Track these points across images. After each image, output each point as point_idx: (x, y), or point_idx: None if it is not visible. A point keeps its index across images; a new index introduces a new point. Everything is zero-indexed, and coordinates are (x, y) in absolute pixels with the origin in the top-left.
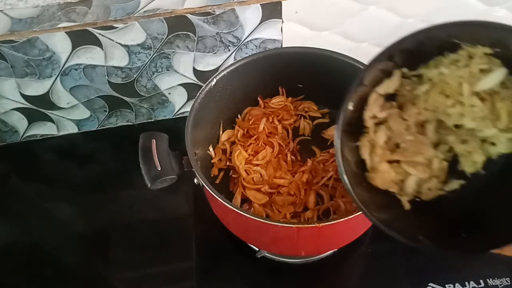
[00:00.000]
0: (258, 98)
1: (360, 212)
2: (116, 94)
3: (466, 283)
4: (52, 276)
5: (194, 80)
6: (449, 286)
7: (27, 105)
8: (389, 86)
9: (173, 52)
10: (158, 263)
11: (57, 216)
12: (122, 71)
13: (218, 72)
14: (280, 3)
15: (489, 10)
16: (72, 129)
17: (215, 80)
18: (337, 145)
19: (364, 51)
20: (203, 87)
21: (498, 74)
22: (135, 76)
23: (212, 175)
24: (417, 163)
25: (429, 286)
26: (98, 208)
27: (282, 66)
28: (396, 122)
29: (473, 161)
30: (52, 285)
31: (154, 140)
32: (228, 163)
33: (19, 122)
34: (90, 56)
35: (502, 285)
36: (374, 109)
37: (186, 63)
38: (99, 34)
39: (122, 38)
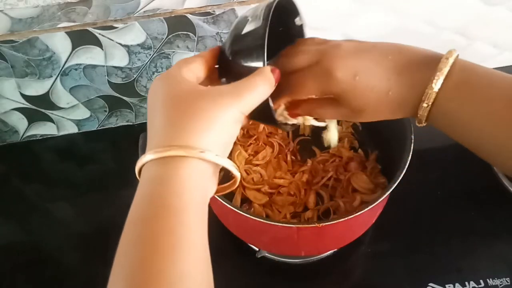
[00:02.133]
0: None
1: (360, 213)
2: (116, 94)
3: (466, 283)
4: (52, 276)
5: None
6: (449, 286)
7: (27, 105)
8: None
9: (173, 52)
10: None
11: (57, 216)
12: (122, 71)
13: None
14: None
15: (490, 9)
16: (72, 129)
17: None
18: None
19: None
20: None
21: None
22: (135, 76)
23: None
24: None
25: (429, 286)
26: (98, 208)
27: None
28: None
29: None
30: (52, 285)
31: None
32: None
33: (19, 122)
34: (90, 56)
35: (502, 285)
36: None
37: None
38: (99, 34)
39: (122, 38)
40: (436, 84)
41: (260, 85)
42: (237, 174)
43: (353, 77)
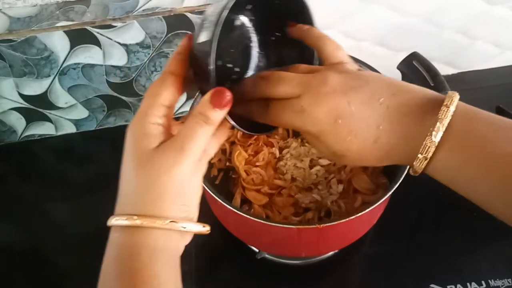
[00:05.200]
0: None
1: (361, 213)
2: (115, 94)
3: (468, 284)
4: (50, 277)
5: None
6: (451, 287)
7: (25, 104)
8: None
9: (172, 51)
10: None
11: (55, 216)
12: (121, 71)
13: None
14: None
15: (491, 9)
16: (71, 129)
17: None
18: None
19: (365, 50)
20: None
21: None
22: (133, 75)
23: (211, 176)
24: None
25: (431, 287)
26: (97, 208)
27: None
28: None
29: None
30: (50, 285)
31: None
32: (227, 164)
33: (17, 122)
34: (88, 55)
35: (503, 286)
36: None
37: None
38: (98, 33)
39: (121, 37)
40: (437, 137)
41: (199, 131)
42: (204, 231)
43: (334, 120)
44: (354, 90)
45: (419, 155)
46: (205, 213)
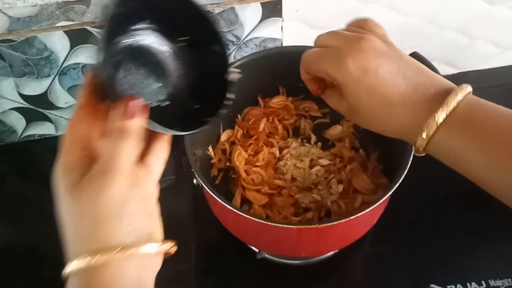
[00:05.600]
0: (258, 98)
1: (361, 213)
2: None
3: (468, 284)
4: (50, 277)
5: None
6: (451, 287)
7: (25, 104)
8: None
9: None
10: None
11: (55, 217)
12: None
13: None
14: (281, 1)
15: (491, 8)
16: None
17: None
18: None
19: None
20: None
21: None
22: None
23: (211, 176)
24: None
25: (431, 287)
26: None
27: (282, 65)
28: None
29: None
30: (50, 286)
31: None
32: (228, 164)
33: (17, 122)
34: (88, 55)
35: (504, 286)
36: None
37: None
38: (98, 33)
39: None
40: (439, 117)
41: (117, 146)
42: (167, 248)
43: (359, 76)
44: (388, 58)
45: (423, 134)
46: (205, 213)
